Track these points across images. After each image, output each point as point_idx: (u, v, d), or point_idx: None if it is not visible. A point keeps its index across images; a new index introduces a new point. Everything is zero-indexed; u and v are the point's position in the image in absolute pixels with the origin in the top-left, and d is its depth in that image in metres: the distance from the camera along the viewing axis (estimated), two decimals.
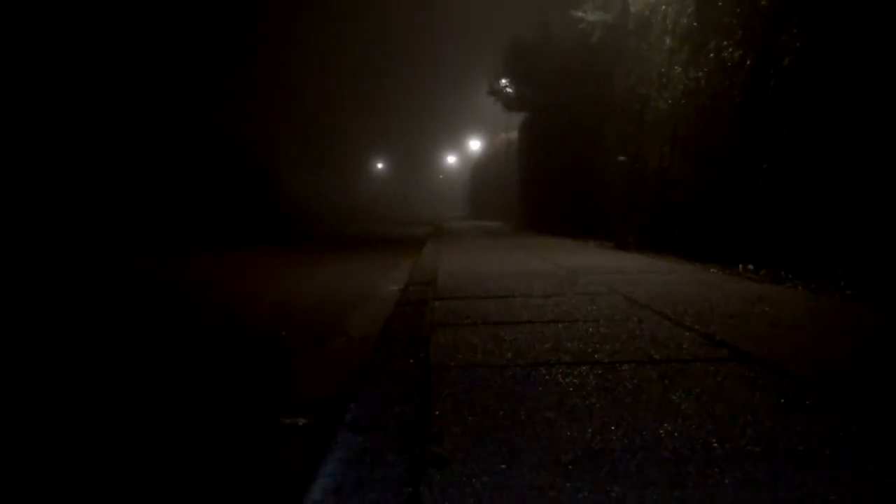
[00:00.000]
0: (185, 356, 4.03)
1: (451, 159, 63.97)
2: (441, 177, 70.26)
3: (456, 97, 53.48)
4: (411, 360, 2.86)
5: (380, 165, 76.81)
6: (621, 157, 9.83)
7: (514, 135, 24.28)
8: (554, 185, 15.64)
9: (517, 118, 21.90)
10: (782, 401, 2.18)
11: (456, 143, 58.73)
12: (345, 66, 48.71)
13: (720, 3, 6.93)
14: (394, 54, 59.56)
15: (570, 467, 1.68)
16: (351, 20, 50.55)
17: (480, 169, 40.23)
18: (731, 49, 6.64)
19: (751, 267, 6.04)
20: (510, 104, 19.32)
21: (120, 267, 9.74)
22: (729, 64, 6.68)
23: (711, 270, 6.39)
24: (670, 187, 8.26)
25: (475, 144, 45.90)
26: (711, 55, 7.08)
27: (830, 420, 2.03)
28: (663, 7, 8.63)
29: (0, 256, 10.81)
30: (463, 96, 49.03)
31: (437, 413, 2.13)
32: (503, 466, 1.70)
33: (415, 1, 57.54)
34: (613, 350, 2.99)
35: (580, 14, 11.25)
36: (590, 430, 1.95)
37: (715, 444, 1.83)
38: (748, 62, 6.32)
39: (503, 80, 18.90)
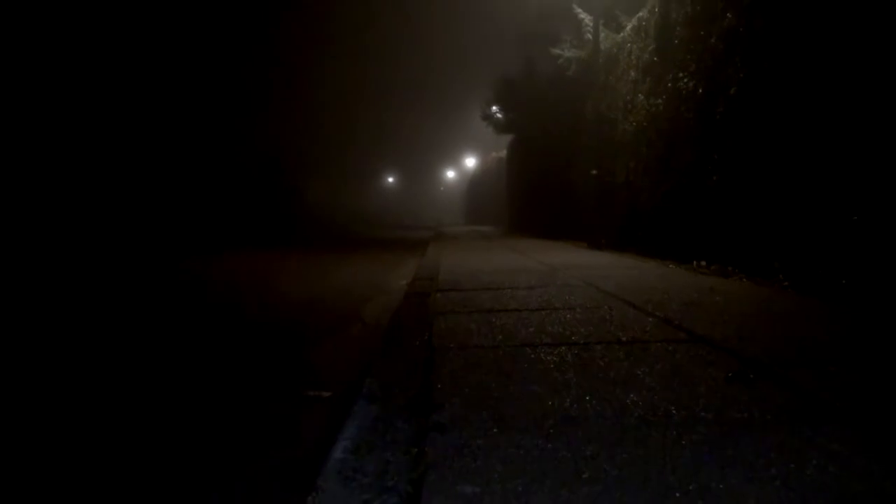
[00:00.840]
0: (229, 338, 4.03)
1: (451, 174, 63.86)
2: (442, 189, 70.12)
3: (454, 121, 53.53)
4: (417, 343, 2.86)
5: (390, 179, 76.69)
6: (594, 172, 9.84)
7: (504, 153, 24.25)
8: (537, 196, 15.64)
9: (506, 139, 21.88)
10: (730, 375, 2.19)
11: (454, 161, 58.67)
12: (361, 93, 48.89)
13: (677, 42, 6.93)
14: (402, 85, 59.80)
15: (551, 431, 1.69)
16: (367, 55, 50.78)
17: (475, 182, 40.17)
18: (686, 80, 6.65)
19: (703, 263, 6.04)
20: (500, 128, 19.29)
21: (174, 265, 9.73)
22: (684, 92, 6.68)
23: (670, 266, 6.39)
24: (635, 196, 8.27)
25: (471, 161, 45.84)
26: (669, 85, 7.08)
27: (769, 391, 2.04)
28: (629, 45, 8.64)
29: (92, 256, 10.80)
30: (460, 120, 49.03)
31: (438, 386, 2.13)
32: (495, 430, 1.70)
33: (419, 42, 57.78)
34: (588, 333, 2.99)
35: (558, 51, 11.27)
36: (568, 400, 1.95)
37: (673, 411, 1.84)
38: (700, 91, 6.32)
39: (494, 107, 18.87)
